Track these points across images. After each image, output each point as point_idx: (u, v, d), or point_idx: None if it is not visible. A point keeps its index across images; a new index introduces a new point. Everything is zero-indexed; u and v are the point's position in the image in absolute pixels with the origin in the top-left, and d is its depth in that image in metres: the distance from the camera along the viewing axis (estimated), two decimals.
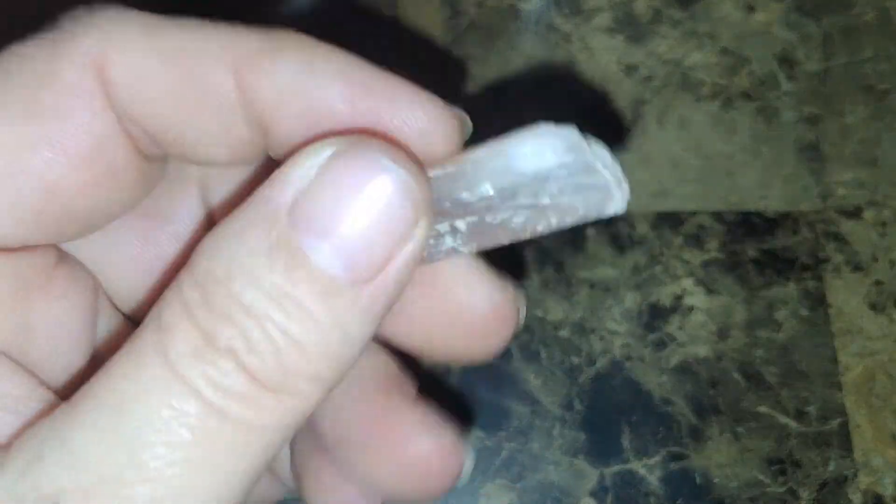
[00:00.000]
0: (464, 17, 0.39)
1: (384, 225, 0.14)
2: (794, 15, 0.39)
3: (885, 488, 0.32)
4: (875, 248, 0.36)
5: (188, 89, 0.16)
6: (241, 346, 0.13)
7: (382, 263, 0.14)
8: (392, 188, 0.14)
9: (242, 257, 0.14)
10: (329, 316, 0.14)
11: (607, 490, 0.32)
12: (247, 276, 0.13)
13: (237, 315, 0.13)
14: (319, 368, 0.14)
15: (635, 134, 0.37)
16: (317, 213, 0.14)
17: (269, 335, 0.13)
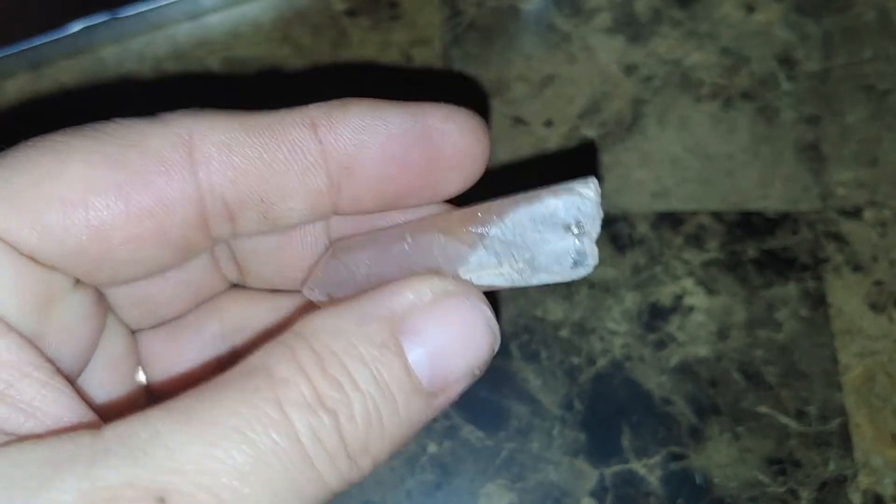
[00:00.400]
0: (464, 17, 0.39)
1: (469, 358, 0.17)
2: (794, 15, 0.39)
3: (885, 488, 0.32)
4: (875, 248, 0.36)
5: (275, 149, 0.18)
6: (343, 410, 0.16)
7: (452, 385, 0.17)
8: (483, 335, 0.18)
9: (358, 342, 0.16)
10: (406, 409, 0.17)
11: (607, 490, 0.32)
12: (361, 360, 0.16)
13: (347, 385, 0.16)
14: (383, 449, 0.17)
15: (635, 134, 0.37)
16: (425, 328, 0.17)
17: (368, 412, 0.16)
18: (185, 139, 0.18)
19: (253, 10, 0.39)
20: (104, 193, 0.17)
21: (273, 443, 0.15)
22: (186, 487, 0.14)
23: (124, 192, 0.17)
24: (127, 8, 0.37)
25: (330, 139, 0.18)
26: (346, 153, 0.19)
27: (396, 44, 0.39)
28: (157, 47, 0.38)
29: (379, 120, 0.19)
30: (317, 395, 0.16)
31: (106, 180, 0.17)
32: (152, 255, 0.19)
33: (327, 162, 0.19)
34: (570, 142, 0.37)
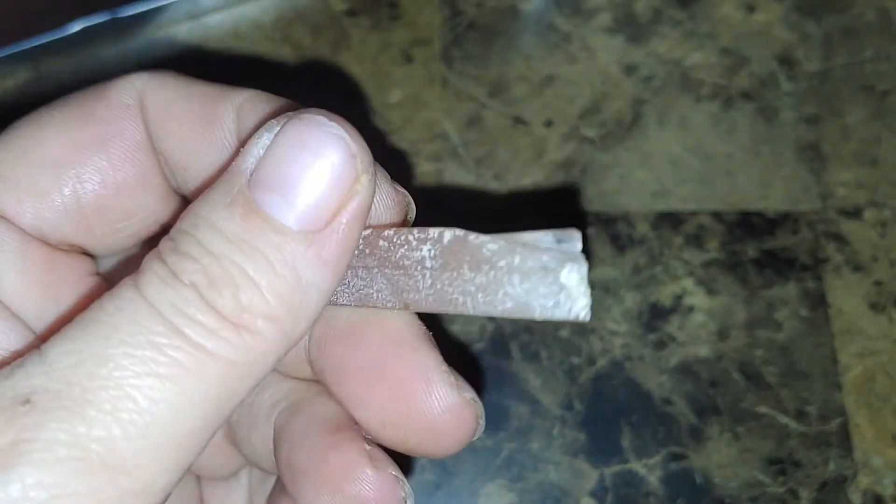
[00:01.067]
0: (464, 17, 0.39)
1: (331, 180, 0.16)
2: (794, 15, 0.39)
3: (885, 488, 0.32)
4: (875, 248, 0.36)
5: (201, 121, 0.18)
6: (202, 281, 0.15)
7: (331, 215, 0.16)
8: (335, 147, 0.16)
9: (206, 212, 0.16)
10: (281, 260, 0.15)
11: (607, 490, 0.32)
12: (208, 224, 0.15)
13: (199, 254, 0.15)
14: (275, 308, 0.15)
15: (635, 134, 0.37)
16: (270, 171, 0.16)
17: (227, 271, 0.15)
18: (138, 89, 0.19)
19: (253, 10, 0.39)
20: (86, 147, 0.18)
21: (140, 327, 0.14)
22: (52, 385, 0.14)
23: (102, 141, 0.18)
24: (127, 8, 0.37)
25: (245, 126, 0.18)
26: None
27: (396, 44, 0.39)
28: (157, 47, 0.38)
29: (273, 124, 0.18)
30: (171, 272, 0.15)
31: (84, 135, 0.18)
32: (143, 203, 0.19)
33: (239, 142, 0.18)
34: (570, 142, 0.37)
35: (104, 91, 0.19)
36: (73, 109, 0.18)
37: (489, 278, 0.16)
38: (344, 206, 0.16)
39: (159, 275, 0.15)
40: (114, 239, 0.19)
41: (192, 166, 0.19)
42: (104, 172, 0.18)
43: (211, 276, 0.15)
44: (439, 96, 0.38)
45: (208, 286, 0.15)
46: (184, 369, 0.14)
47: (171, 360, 0.14)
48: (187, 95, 0.18)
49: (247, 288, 0.15)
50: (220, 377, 0.15)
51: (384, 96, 0.38)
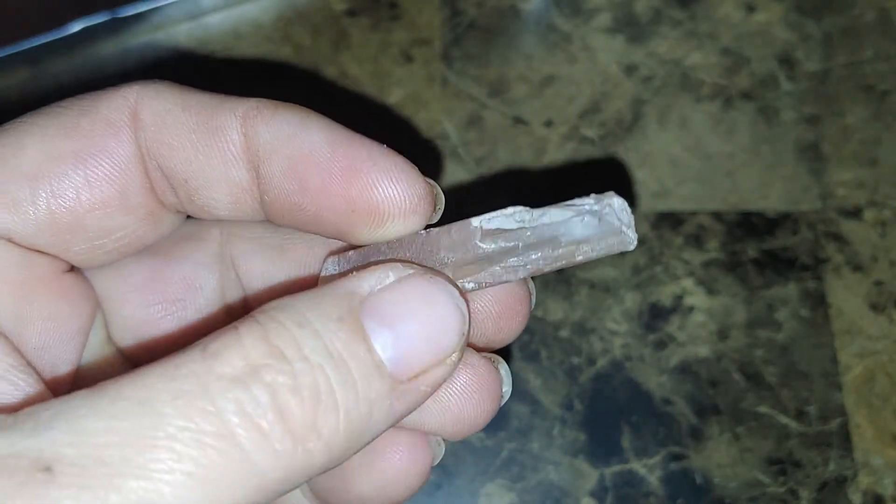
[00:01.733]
0: (464, 17, 0.39)
1: (435, 339, 0.16)
2: (794, 15, 0.39)
3: (885, 488, 0.32)
4: (875, 248, 0.36)
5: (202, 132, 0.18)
6: (285, 384, 0.14)
7: (418, 373, 0.16)
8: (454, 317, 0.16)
9: (313, 317, 0.15)
10: (367, 392, 0.15)
11: (607, 490, 0.32)
12: (312, 330, 0.15)
13: (293, 356, 0.14)
14: (336, 436, 0.15)
15: (635, 134, 0.37)
16: (387, 307, 0.16)
17: (317, 383, 0.14)
18: (130, 103, 0.18)
19: (253, 10, 0.39)
20: (63, 161, 0.17)
21: (192, 421, 0.13)
22: (79, 459, 0.13)
23: (81, 157, 0.18)
24: (127, 8, 0.37)
25: (253, 135, 0.18)
26: (258, 155, 0.18)
27: (396, 44, 0.39)
28: (157, 47, 0.38)
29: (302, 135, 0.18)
30: (250, 366, 0.14)
31: (62, 149, 0.17)
32: (121, 223, 0.18)
33: (249, 157, 0.18)
34: (570, 142, 0.37)
35: (93, 103, 0.18)
36: (56, 120, 0.18)
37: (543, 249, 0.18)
38: (431, 370, 0.16)
39: (234, 367, 0.14)
40: (92, 255, 0.19)
41: (194, 179, 0.18)
42: (80, 189, 0.18)
43: (299, 382, 0.14)
44: (439, 96, 0.38)
45: (291, 391, 0.14)
46: (220, 473, 0.14)
47: (211, 462, 0.13)
48: (185, 106, 0.18)
49: (327, 410, 0.14)
50: (256, 489, 0.14)
51: (384, 96, 0.38)
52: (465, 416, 0.20)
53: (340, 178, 0.17)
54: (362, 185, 0.17)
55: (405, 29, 0.39)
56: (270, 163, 0.18)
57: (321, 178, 0.17)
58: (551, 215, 0.18)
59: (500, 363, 0.20)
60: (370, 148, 0.18)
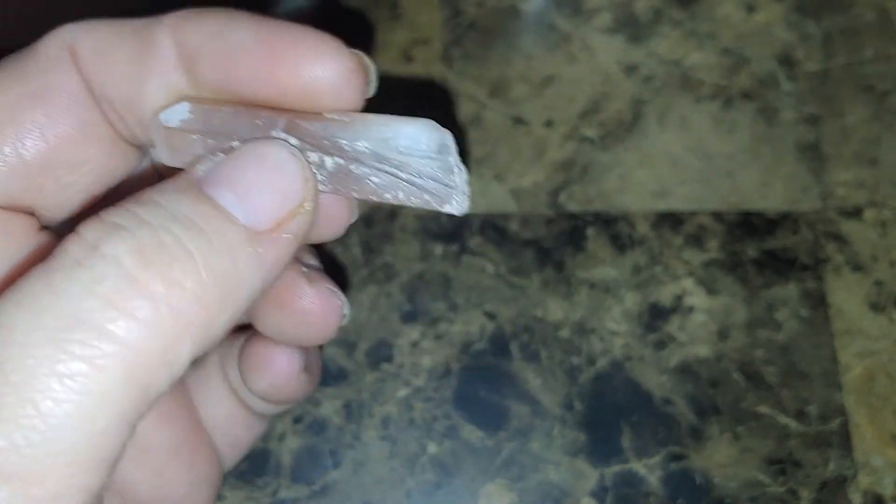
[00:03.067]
0: (464, 17, 0.39)
1: (279, 188, 0.16)
2: (794, 15, 0.39)
3: (885, 488, 0.32)
4: (875, 248, 0.36)
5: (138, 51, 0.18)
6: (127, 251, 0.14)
7: (275, 225, 0.16)
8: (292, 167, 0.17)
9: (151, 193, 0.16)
10: (222, 242, 0.15)
11: (607, 490, 0.32)
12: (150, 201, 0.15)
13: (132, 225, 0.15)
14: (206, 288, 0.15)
15: (635, 134, 0.37)
16: (226, 172, 0.16)
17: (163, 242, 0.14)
18: (66, 41, 0.18)
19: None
20: (20, 104, 0.18)
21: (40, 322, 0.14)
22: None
23: (35, 96, 0.18)
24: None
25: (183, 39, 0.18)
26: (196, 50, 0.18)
27: (396, 44, 0.39)
28: None
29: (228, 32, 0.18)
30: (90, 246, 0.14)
31: (15, 92, 0.18)
32: (89, 154, 0.19)
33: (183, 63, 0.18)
34: (570, 142, 0.37)
35: (32, 48, 0.18)
36: (2, 70, 0.18)
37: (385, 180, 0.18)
38: (287, 221, 0.16)
39: (72, 254, 0.14)
40: (64, 196, 0.19)
41: (138, 104, 0.18)
42: (43, 127, 0.18)
43: (142, 246, 0.14)
44: (439, 96, 0.38)
45: (136, 257, 0.14)
46: (87, 364, 0.13)
47: (71, 356, 0.13)
48: (119, 34, 0.18)
49: (182, 261, 0.14)
50: (131, 369, 0.14)
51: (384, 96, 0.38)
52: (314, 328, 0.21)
53: (267, 65, 0.17)
54: (289, 69, 0.17)
55: (405, 29, 0.39)
56: (202, 63, 0.18)
57: (249, 69, 0.18)
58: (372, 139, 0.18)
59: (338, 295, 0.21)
60: (294, 31, 0.18)
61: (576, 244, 0.36)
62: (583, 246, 0.36)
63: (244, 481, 0.32)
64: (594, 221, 0.36)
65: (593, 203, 0.36)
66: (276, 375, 0.22)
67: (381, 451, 0.33)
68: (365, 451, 0.33)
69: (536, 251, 0.35)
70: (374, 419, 0.33)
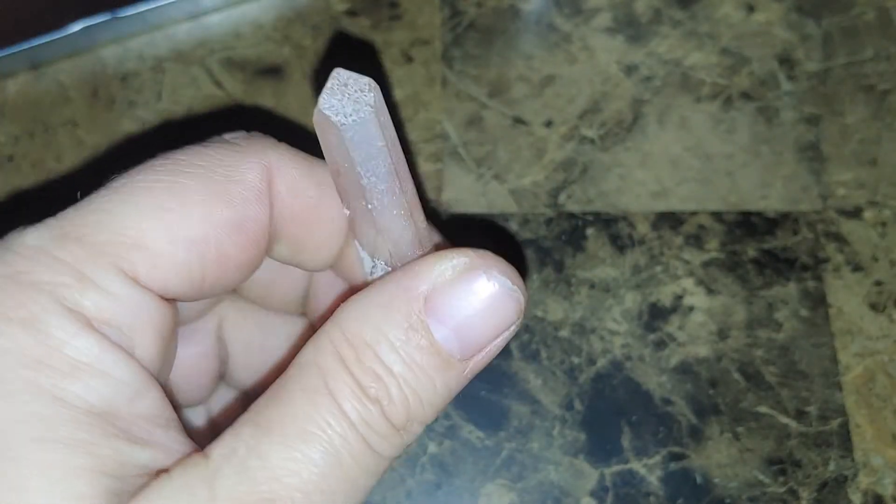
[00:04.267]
0: (464, 17, 0.39)
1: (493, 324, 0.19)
2: (794, 15, 0.39)
3: (885, 488, 0.32)
4: (875, 248, 0.36)
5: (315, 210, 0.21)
6: (384, 397, 0.18)
7: (485, 348, 0.19)
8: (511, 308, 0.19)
9: (387, 329, 0.18)
10: (442, 382, 0.19)
11: (607, 490, 0.32)
12: (390, 346, 0.18)
13: (383, 373, 0.18)
14: (428, 416, 0.19)
15: (635, 134, 0.37)
16: (447, 306, 0.19)
17: (404, 394, 0.18)
18: (266, 169, 0.20)
19: (253, 10, 0.39)
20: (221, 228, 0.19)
21: (338, 435, 0.18)
22: (285, 491, 0.17)
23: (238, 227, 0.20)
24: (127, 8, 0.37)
25: None
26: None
27: (396, 44, 0.39)
28: (157, 47, 0.38)
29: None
30: (360, 387, 0.18)
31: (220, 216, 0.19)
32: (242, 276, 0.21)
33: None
34: (570, 142, 0.37)
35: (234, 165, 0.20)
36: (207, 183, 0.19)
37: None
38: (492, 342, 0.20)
39: (350, 388, 0.18)
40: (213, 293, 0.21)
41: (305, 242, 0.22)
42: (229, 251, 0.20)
43: (392, 395, 0.18)
44: (439, 96, 0.38)
45: (389, 402, 0.18)
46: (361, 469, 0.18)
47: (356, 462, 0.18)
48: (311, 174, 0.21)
49: (417, 405, 0.19)
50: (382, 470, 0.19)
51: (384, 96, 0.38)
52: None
53: None
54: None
55: (405, 29, 0.39)
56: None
57: None
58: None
59: None
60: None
61: (576, 244, 0.36)
62: (583, 246, 0.36)
63: None
64: (594, 221, 0.36)
65: (593, 203, 0.36)
66: None
67: None
68: None
69: (536, 251, 0.35)
70: None
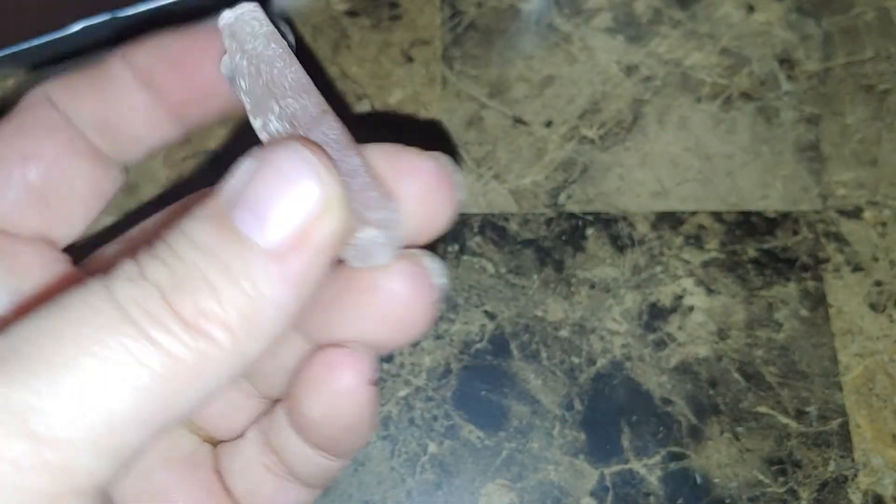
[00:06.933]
0: (464, 17, 0.39)
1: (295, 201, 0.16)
2: (794, 15, 0.39)
3: (885, 488, 0.32)
4: (875, 248, 0.36)
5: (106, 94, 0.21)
6: (166, 281, 0.15)
7: (299, 239, 0.16)
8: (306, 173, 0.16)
9: (184, 224, 0.16)
10: (244, 272, 0.16)
11: (607, 490, 0.32)
12: (181, 233, 0.16)
13: (168, 257, 0.16)
14: (231, 318, 0.16)
15: (635, 134, 0.37)
16: (249, 193, 0.16)
17: (191, 276, 0.16)
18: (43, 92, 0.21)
19: None
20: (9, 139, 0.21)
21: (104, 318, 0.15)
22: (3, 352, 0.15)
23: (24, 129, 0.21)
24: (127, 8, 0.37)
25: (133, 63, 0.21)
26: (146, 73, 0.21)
27: (396, 44, 0.39)
28: None
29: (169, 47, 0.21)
30: (139, 271, 0.16)
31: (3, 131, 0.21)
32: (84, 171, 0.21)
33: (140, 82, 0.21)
34: (570, 142, 0.37)
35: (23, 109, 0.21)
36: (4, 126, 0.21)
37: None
38: (312, 230, 0.16)
39: (128, 273, 0.16)
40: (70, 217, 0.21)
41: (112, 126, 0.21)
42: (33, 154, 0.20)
43: (175, 278, 0.15)
44: (439, 96, 0.38)
45: (172, 287, 0.15)
46: (134, 360, 0.15)
47: (125, 349, 0.15)
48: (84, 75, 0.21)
49: (206, 294, 0.15)
50: (169, 375, 0.15)
51: (384, 96, 0.38)
52: (402, 318, 0.20)
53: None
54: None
55: (405, 29, 0.39)
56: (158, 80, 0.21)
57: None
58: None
59: (423, 256, 0.20)
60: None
61: (576, 244, 0.36)
62: (583, 246, 0.36)
63: None
64: (594, 221, 0.36)
65: (593, 203, 0.36)
66: (338, 382, 0.20)
67: (382, 450, 0.33)
68: (365, 450, 0.33)
69: (536, 251, 0.35)
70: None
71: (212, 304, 0.15)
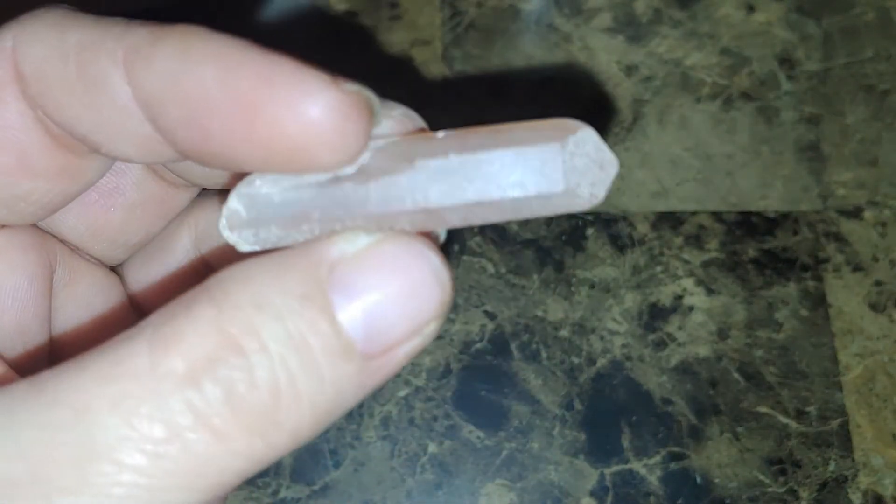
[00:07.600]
0: (464, 17, 0.39)
1: (410, 312, 0.14)
2: (794, 15, 0.39)
3: (885, 488, 0.32)
4: (875, 248, 0.36)
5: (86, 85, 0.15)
6: (241, 379, 0.13)
7: (394, 346, 0.14)
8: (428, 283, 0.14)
9: (273, 294, 0.13)
10: (333, 378, 0.13)
11: (607, 490, 0.32)
12: (274, 313, 0.13)
13: (251, 348, 0.13)
14: (301, 426, 0.13)
15: (635, 134, 0.37)
16: (356, 279, 0.13)
17: (276, 377, 0.13)
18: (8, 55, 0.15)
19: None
20: None
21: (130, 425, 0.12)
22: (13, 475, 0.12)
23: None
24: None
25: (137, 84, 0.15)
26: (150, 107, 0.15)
27: (396, 44, 0.39)
28: None
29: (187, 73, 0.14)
30: (203, 359, 0.13)
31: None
32: (31, 187, 0.16)
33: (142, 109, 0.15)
34: None
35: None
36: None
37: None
38: (406, 342, 0.14)
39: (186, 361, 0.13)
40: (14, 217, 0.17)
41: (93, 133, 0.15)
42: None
43: (256, 377, 0.13)
44: (439, 96, 0.38)
45: (248, 386, 0.13)
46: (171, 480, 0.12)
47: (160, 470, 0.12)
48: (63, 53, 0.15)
49: (290, 402, 0.13)
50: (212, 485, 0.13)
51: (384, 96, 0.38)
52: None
53: (240, 119, 0.14)
54: (266, 123, 0.14)
55: (405, 29, 0.39)
56: (165, 114, 0.14)
57: (220, 123, 0.14)
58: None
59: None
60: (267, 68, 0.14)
61: (576, 244, 0.36)
62: (583, 246, 0.36)
63: (245, 481, 0.32)
64: (594, 221, 0.36)
65: None
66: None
67: (382, 450, 0.33)
68: (365, 450, 0.33)
69: (536, 251, 0.35)
70: (375, 419, 0.33)
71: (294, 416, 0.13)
